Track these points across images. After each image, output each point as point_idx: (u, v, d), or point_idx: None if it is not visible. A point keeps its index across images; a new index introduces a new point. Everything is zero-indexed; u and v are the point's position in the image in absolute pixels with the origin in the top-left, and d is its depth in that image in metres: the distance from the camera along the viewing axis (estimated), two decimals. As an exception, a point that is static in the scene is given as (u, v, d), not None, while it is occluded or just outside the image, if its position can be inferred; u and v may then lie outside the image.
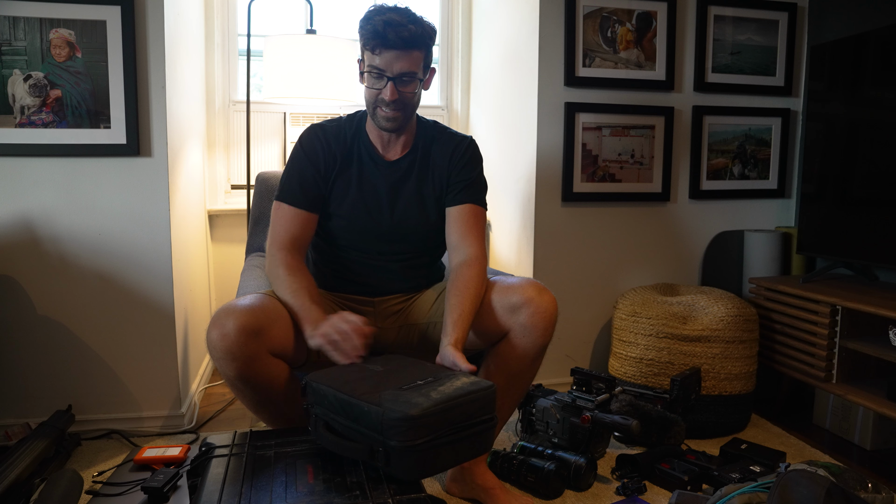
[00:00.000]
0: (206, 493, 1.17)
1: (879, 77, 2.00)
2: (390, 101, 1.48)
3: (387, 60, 1.45)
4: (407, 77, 1.48)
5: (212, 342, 1.33)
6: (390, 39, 1.42)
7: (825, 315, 1.97)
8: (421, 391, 1.17)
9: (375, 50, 1.45)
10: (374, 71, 1.47)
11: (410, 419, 1.10)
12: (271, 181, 2.14)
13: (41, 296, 1.91)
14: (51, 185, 1.89)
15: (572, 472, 1.66)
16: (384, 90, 1.48)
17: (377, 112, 1.52)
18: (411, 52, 1.46)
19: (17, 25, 1.81)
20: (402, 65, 1.46)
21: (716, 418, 2.00)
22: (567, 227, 2.37)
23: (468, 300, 1.45)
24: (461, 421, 1.16)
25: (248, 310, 1.35)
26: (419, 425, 1.11)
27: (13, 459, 1.55)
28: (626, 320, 2.11)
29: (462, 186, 1.60)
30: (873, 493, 1.39)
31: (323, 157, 1.58)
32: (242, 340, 1.31)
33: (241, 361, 1.33)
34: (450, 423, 1.15)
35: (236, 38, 2.82)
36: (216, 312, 1.36)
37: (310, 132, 1.61)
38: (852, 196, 2.08)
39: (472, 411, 1.18)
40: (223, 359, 1.33)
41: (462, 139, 1.65)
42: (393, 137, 1.60)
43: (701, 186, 2.49)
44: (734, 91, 2.48)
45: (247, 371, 1.35)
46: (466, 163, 1.62)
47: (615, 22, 2.32)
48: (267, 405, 1.45)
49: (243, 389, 1.39)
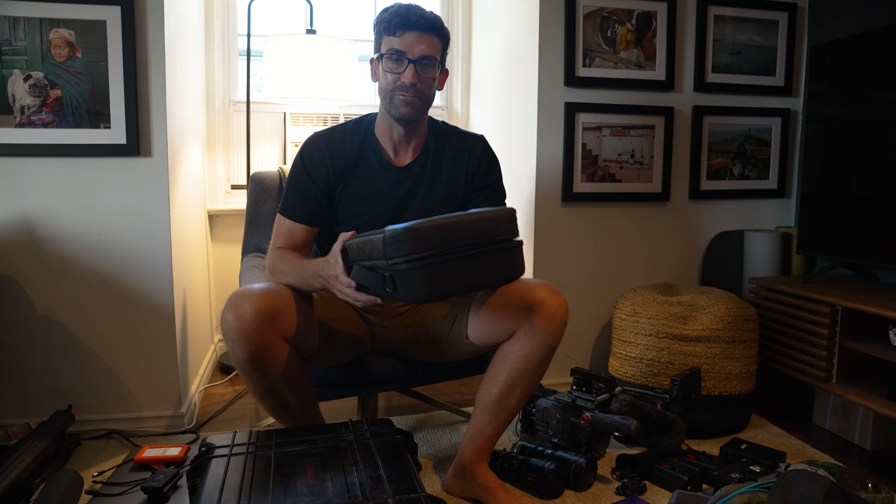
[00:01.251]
0: (206, 493, 1.17)
1: (879, 77, 2.00)
2: (410, 85, 1.47)
3: (409, 42, 1.46)
4: (427, 61, 1.48)
5: (227, 323, 1.34)
6: (413, 20, 1.45)
7: (825, 315, 1.97)
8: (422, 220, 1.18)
9: (397, 32, 1.46)
10: (395, 54, 1.47)
11: (409, 230, 1.11)
12: (266, 182, 2.14)
13: (41, 296, 1.91)
14: (51, 185, 1.89)
15: (572, 472, 1.66)
16: (405, 73, 1.47)
17: (394, 99, 1.50)
18: (432, 36, 1.48)
19: (17, 25, 1.81)
20: (424, 47, 1.47)
21: (716, 418, 2.00)
22: (567, 227, 2.37)
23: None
24: (472, 238, 1.15)
25: (264, 294, 1.36)
26: (419, 237, 1.11)
27: (13, 459, 1.55)
28: (626, 320, 2.11)
29: (485, 196, 1.63)
30: (873, 493, 1.39)
31: (325, 171, 1.55)
32: (258, 324, 1.32)
33: (254, 344, 1.33)
34: (457, 236, 1.13)
35: (236, 38, 2.82)
36: (232, 295, 1.37)
37: (311, 144, 1.58)
38: (852, 196, 2.08)
39: (485, 228, 1.16)
40: (237, 340, 1.33)
41: (475, 143, 1.65)
42: (404, 139, 1.59)
43: (701, 186, 2.49)
44: (734, 91, 2.48)
45: (259, 354, 1.35)
46: (486, 170, 1.63)
47: (615, 22, 2.32)
48: (273, 393, 1.45)
49: (252, 373, 1.39)
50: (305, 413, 1.53)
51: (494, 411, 1.53)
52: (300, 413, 1.51)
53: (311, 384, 1.53)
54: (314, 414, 1.56)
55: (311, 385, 1.53)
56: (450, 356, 1.67)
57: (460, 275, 1.16)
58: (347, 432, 1.43)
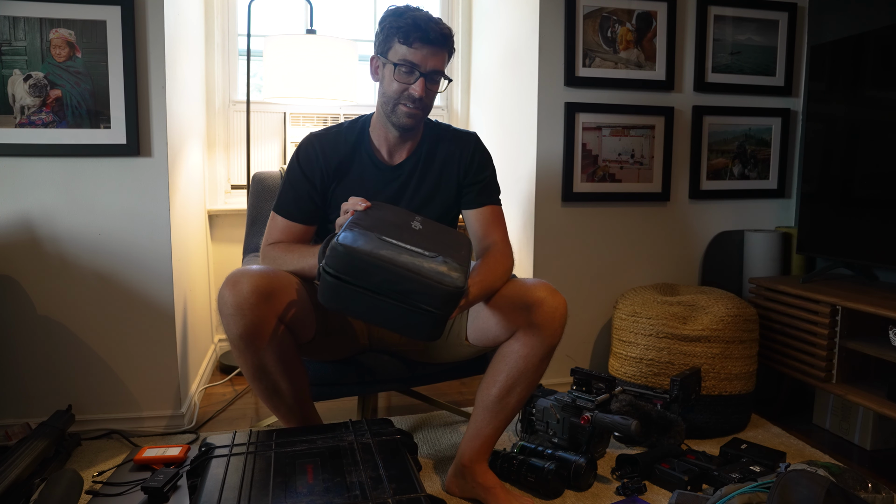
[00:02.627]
0: (206, 493, 1.17)
1: (879, 77, 2.00)
2: (418, 98, 1.48)
3: (422, 56, 1.45)
4: (437, 76, 1.50)
5: (223, 298, 1.34)
6: (432, 37, 1.44)
7: (825, 315, 1.97)
8: (386, 242, 1.21)
9: (413, 44, 1.44)
10: (406, 65, 1.46)
11: (337, 247, 1.19)
12: (268, 181, 2.14)
13: (41, 296, 1.91)
14: (51, 185, 1.89)
15: (572, 472, 1.66)
16: (414, 85, 1.47)
17: (398, 108, 1.51)
18: (444, 51, 1.49)
19: (17, 25, 1.81)
20: (436, 62, 1.48)
21: (716, 418, 2.00)
22: (567, 227, 2.37)
23: (488, 270, 1.49)
24: (397, 287, 1.19)
25: (262, 273, 1.37)
26: (339, 256, 1.18)
27: (13, 459, 1.55)
28: (626, 320, 2.11)
29: (478, 190, 1.63)
30: (873, 493, 1.39)
31: (320, 171, 1.57)
32: (254, 300, 1.33)
33: (248, 320, 1.33)
34: (384, 279, 1.19)
35: (236, 38, 2.82)
36: (231, 274, 1.37)
37: (306, 144, 1.59)
38: (852, 196, 2.08)
39: (414, 289, 1.20)
40: (233, 315, 1.33)
41: (467, 140, 1.66)
42: (399, 140, 1.59)
43: (701, 186, 2.49)
44: (734, 91, 2.48)
45: (253, 331, 1.35)
46: (478, 166, 1.64)
47: (615, 22, 2.32)
48: (265, 375, 1.44)
49: (245, 351, 1.38)
50: (298, 401, 1.51)
51: (494, 411, 1.53)
52: (292, 401, 1.50)
53: (304, 372, 1.52)
54: (307, 405, 1.56)
55: (304, 373, 1.52)
56: (448, 358, 1.67)
57: (363, 307, 1.23)
58: (347, 432, 1.43)
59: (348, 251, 1.19)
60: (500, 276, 1.51)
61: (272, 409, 1.54)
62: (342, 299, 1.23)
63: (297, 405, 1.52)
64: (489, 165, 1.67)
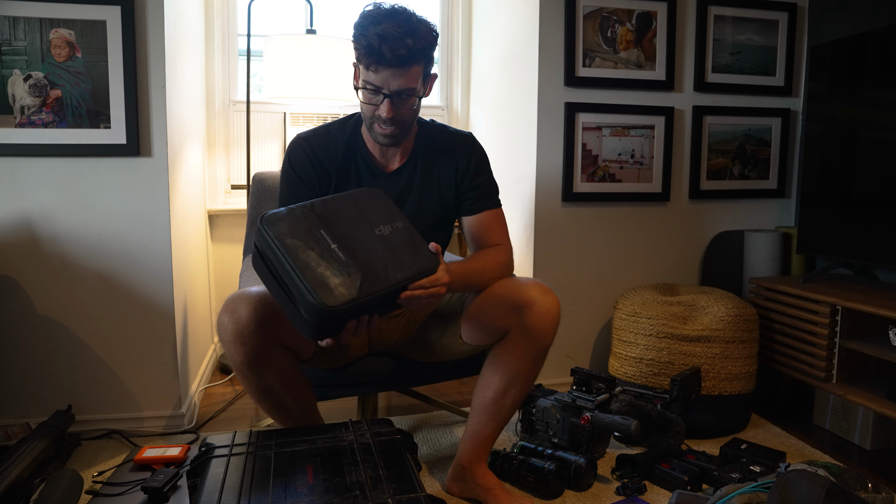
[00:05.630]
0: (206, 494, 1.17)
1: (879, 77, 2.00)
2: (387, 118, 1.41)
3: (383, 78, 1.36)
4: (405, 94, 1.39)
5: (222, 326, 1.34)
6: (386, 57, 1.33)
7: (825, 315, 1.97)
8: (311, 233, 1.23)
9: (370, 67, 1.36)
10: (370, 86, 1.39)
11: (263, 217, 1.22)
12: (268, 181, 2.14)
13: (41, 296, 1.91)
14: (51, 185, 1.89)
15: (572, 472, 1.66)
16: (380, 107, 1.39)
17: (374, 128, 1.45)
18: (409, 68, 1.36)
19: (17, 25, 1.81)
20: (400, 82, 1.37)
21: (716, 418, 2.00)
22: (567, 227, 2.37)
23: (477, 259, 1.49)
24: (281, 276, 1.20)
25: (261, 298, 1.35)
26: (259, 227, 1.22)
27: (13, 459, 1.55)
28: (626, 320, 2.11)
29: (476, 195, 1.58)
30: (873, 493, 1.39)
31: (315, 172, 1.52)
32: (253, 328, 1.32)
33: (249, 348, 1.33)
34: (272, 260, 1.21)
35: (236, 38, 2.82)
36: (229, 298, 1.36)
37: (295, 147, 1.54)
38: (852, 196, 2.08)
39: (293, 286, 1.18)
40: (233, 343, 1.33)
41: (463, 143, 1.59)
42: (390, 148, 1.55)
43: (701, 186, 2.49)
44: (734, 91, 2.48)
45: (254, 358, 1.35)
46: (475, 170, 1.58)
47: (615, 22, 2.32)
48: (270, 395, 1.45)
49: (249, 376, 1.39)
50: (304, 414, 1.52)
51: (491, 413, 1.53)
52: (298, 414, 1.51)
53: (309, 387, 1.52)
54: (313, 415, 1.56)
55: (309, 388, 1.52)
56: (446, 356, 1.66)
57: (268, 285, 1.26)
58: (347, 432, 1.43)
59: (262, 225, 1.22)
60: (491, 267, 1.49)
61: (279, 423, 1.54)
62: (258, 269, 1.26)
63: (303, 417, 1.53)
64: (486, 168, 1.62)
